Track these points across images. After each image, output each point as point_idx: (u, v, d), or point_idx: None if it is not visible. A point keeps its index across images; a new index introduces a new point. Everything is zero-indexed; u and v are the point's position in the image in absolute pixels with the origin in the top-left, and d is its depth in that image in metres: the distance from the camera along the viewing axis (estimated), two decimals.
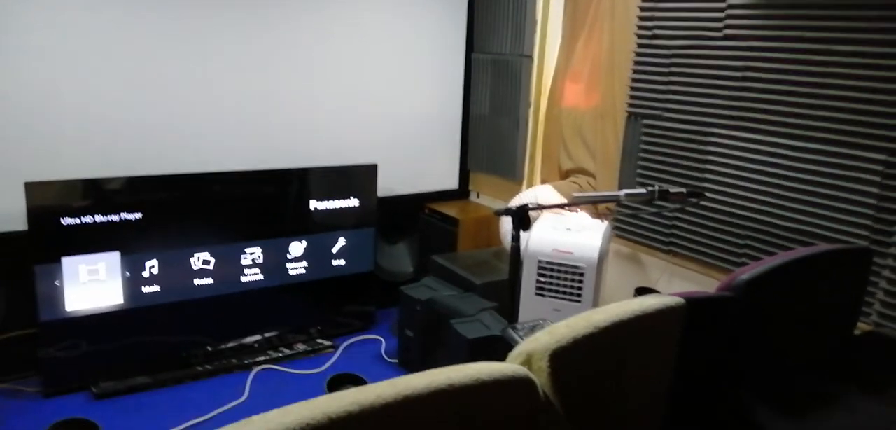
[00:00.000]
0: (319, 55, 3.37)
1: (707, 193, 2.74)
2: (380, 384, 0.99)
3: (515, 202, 2.51)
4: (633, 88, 3.05)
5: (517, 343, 1.29)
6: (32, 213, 2.52)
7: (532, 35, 3.58)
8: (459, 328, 2.68)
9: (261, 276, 3.16)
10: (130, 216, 2.75)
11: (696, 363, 1.54)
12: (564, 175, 3.60)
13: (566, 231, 2.78)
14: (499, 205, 3.09)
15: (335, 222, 3.34)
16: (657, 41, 2.91)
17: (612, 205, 3.20)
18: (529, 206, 2.24)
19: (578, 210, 3.09)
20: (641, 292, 2.99)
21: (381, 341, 3.42)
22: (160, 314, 2.90)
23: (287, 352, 3.20)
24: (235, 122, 3.17)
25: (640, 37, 2.99)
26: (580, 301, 2.70)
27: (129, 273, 2.79)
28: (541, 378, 1.18)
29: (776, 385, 1.74)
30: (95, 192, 2.67)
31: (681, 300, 1.44)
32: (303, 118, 3.38)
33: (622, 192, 2.33)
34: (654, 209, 2.96)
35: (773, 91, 2.52)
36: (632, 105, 3.07)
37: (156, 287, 2.87)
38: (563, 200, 3.08)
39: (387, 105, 3.68)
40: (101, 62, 2.77)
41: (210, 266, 3.00)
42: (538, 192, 3.33)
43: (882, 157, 2.25)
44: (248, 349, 3.15)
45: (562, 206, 2.72)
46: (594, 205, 3.23)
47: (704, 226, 2.81)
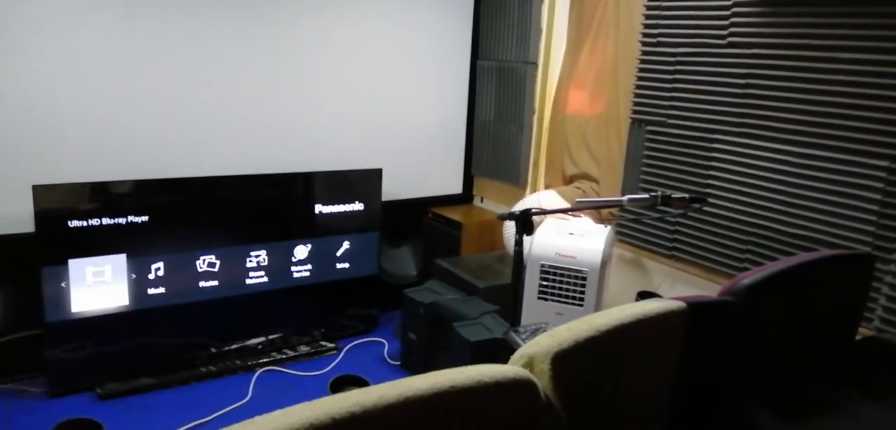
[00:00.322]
0: (326, 60, 3.39)
1: (710, 199, 2.74)
2: (382, 386, 0.99)
3: (519, 207, 2.51)
4: (637, 95, 3.05)
5: (519, 346, 1.30)
6: (40, 215, 2.54)
7: (537, 42, 3.59)
8: (462, 331, 2.69)
9: (265, 278, 3.17)
10: (137, 219, 2.77)
11: (698, 368, 1.55)
12: (568, 181, 3.61)
13: (569, 236, 2.78)
14: (502, 210, 3.10)
15: (340, 225, 3.35)
16: (661, 48, 2.92)
17: (615, 210, 3.20)
18: (533, 210, 2.25)
19: (581, 215, 3.10)
20: (644, 296, 2.99)
21: (385, 343, 3.43)
22: (165, 316, 2.92)
23: (290, 354, 3.21)
24: (241, 126, 3.19)
25: (645, 44, 3.00)
26: (583, 305, 2.71)
27: (135, 275, 2.81)
28: (542, 381, 1.19)
29: (778, 390, 1.74)
30: (102, 195, 2.68)
31: (682, 305, 1.44)
32: (308, 123, 3.40)
33: (625, 197, 2.33)
34: (657, 214, 2.97)
35: (777, 98, 2.52)
36: (636, 112, 3.07)
37: (161, 289, 2.89)
38: (567, 206, 3.09)
39: (392, 110, 3.69)
40: (107, 66, 2.80)
41: (215, 269, 3.02)
42: (542, 197, 3.33)
43: (885, 163, 2.25)
44: (252, 351, 3.17)
45: (565, 211, 2.72)
46: (597, 210, 3.23)
47: (707, 231, 2.81)
